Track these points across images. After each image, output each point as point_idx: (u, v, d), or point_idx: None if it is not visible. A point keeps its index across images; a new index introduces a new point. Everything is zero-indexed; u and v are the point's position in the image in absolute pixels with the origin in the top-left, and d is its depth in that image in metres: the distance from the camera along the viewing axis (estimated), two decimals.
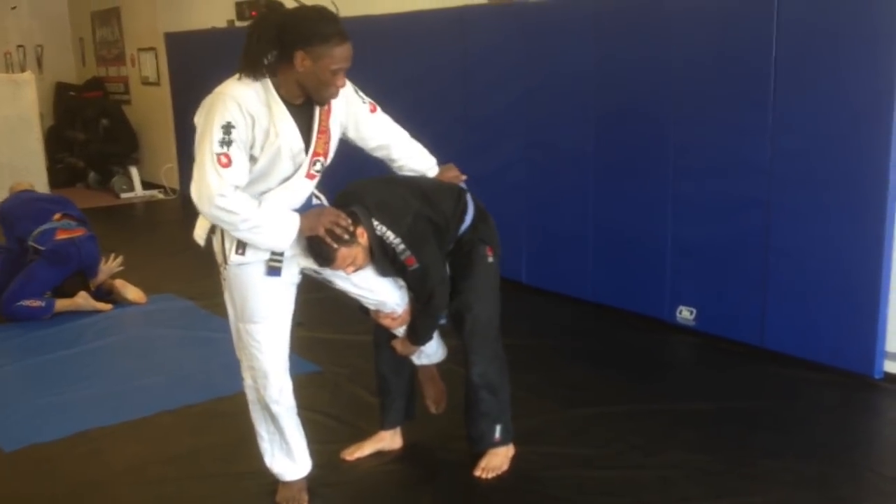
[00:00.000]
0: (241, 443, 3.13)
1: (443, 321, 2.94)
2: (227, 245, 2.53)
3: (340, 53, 2.35)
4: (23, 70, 10.54)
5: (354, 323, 3.13)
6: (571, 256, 4.92)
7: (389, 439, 3.18)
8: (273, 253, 2.54)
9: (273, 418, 2.75)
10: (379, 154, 2.86)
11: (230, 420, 3.35)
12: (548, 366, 4.11)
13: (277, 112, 2.40)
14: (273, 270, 2.56)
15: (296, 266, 2.67)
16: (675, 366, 4.19)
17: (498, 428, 2.99)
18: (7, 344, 4.55)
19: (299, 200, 2.57)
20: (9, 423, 3.56)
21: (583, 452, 3.18)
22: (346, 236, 2.54)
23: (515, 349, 4.29)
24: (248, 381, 2.74)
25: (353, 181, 2.81)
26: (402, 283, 2.85)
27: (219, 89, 2.39)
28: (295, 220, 2.48)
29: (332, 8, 2.43)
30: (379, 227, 2.63)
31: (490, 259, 2.91)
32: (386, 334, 3.01)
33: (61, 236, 4.98)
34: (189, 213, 2.67)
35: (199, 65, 8.32)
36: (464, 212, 2.85)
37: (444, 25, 5.49)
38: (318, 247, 2.55)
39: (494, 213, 5.43)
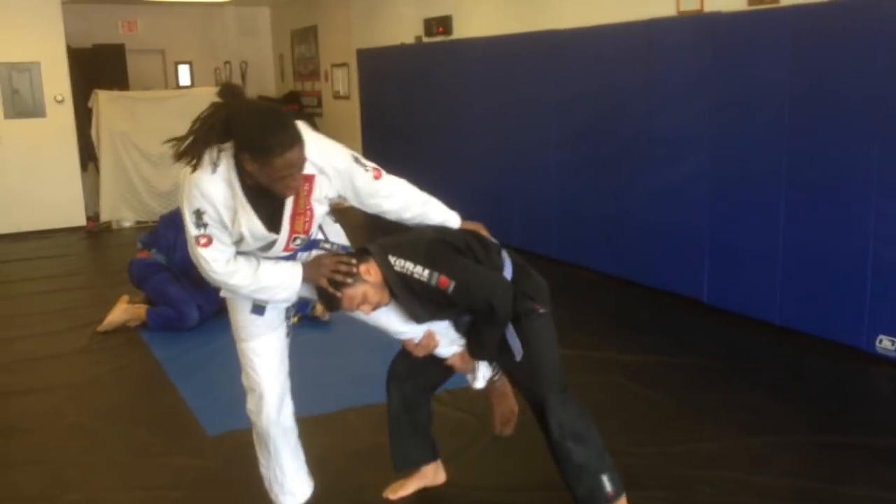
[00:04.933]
0: None
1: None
2: None
3: (282, 163, 2.22)
4: None
5: None
6: (758, 276, 4.73)
7: (432, 474, 3.05)
8: None
9: (270, 441, 2.73)
10: (390, 217, 2.68)
11: None
12: (729, 389, 3.97)
13: (239, 201, 2.34)
14: (257, 309, 2.59)
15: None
16: (873, 399, 3.93)
17: (605, 479, 2.64)
18: (218, 337, 4.90)
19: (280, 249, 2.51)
20: (212, 410, 3.87)
21: (765, 481, 3.05)
22: (349, 280, 2.47)
23: (694, 370, 4.22)
24: (249, 406, 2.73)
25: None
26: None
27: (188, 170, 2.33)
28: (297, 274, 2.48)
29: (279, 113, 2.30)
30: (397, 262, 2.50)
31: (542, 310, 2.66)
32: (404, 368, 2.90)
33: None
34: (375, 220, 2.78)
35: (386, 79, 8.70)
36: (497, 261, 2.63)
37: (630, 38, 5.45)
38: (324, 295, 2.53)
39: (675, 227, 5.36)
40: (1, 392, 4.21)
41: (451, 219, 2.73)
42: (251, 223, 2.37)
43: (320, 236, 2.64)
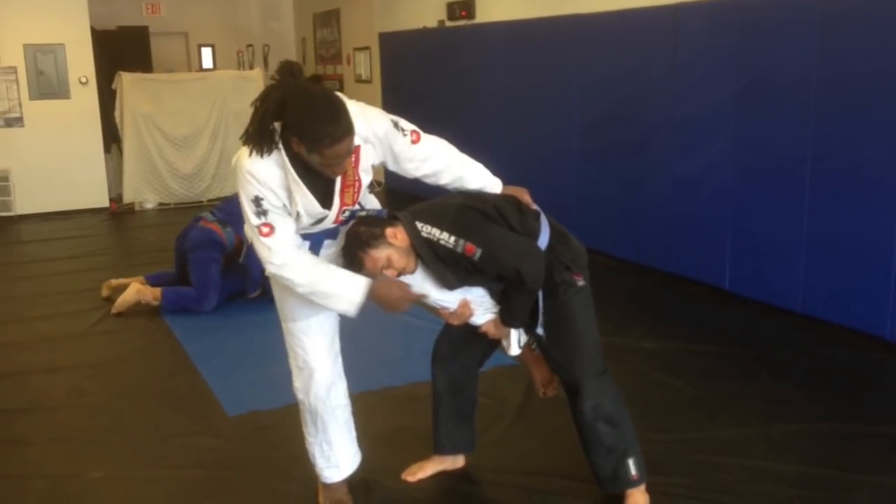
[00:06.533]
0: None
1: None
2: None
3: (331, 153, 2.23)
4: (251, 68, 11.45)
5: None
6: (781, 264, 4.68)
7: (451, 458, 3.05)
8: None
9: (318, 418, 2.73)
10: (428, 181, 2.67)
11: (427, 404, 3.49)
12: (749, 376, 3.94)
13: (291, 181, 2.34)
14: None
15: None
16: (894, 388, 3.88)
17: (631, 463, 2.67)
18: (238, 318, 4.98)
19: (326, 222, 2.51)
20: (232, 391, 3.91)
21: (785, 469, 3.03)
22: (373, 241, 2.45)
23: (714, 357, 4.20)
24: (296, 385, 2.74)
25: None
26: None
27: (240, 159, 2.35)
28: (360, 289, 2.45)
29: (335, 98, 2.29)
30: (424, 228, 2.49)
31: (580, 283, 2.65)
32: (447, 349, 2.89)
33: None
34: (394, 202, 2.77)
35: (408, 63, 8.68)
36: (534, 227, 2.61)
37: (655, 23, 5.39)
38: (349, 256, 2.50)
39: (698, 214, 5.32)
40: (23, 371, 4.27)
41: (491, 184, 2.70)
42: (306, 201, 2.37)
43: (357, 206, 2.62)
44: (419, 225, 2.50)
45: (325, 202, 2.42)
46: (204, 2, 12.07)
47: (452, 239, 2.47)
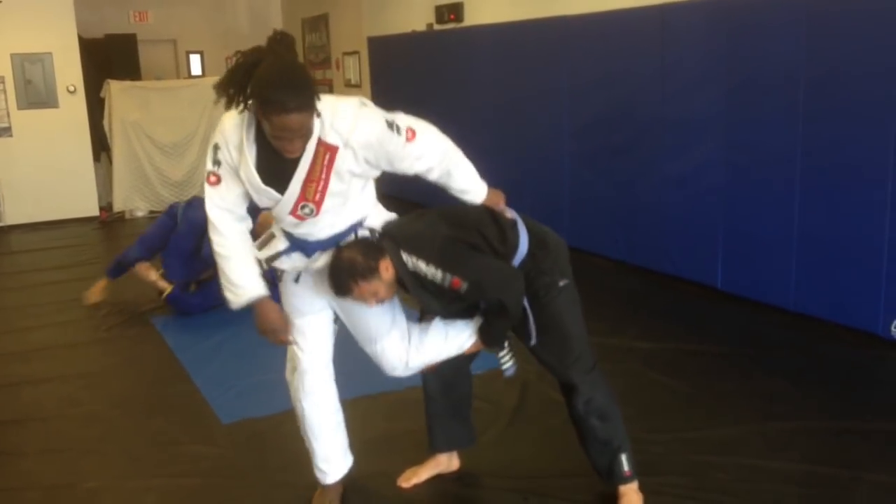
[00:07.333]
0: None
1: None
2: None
3: (279, 123, 2.21)
4: None
5: None
6: (772, 262, 4.69)
7: (446, 462, 3.05)
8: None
9: (305, 419, 2.78)
10: (419, 175, 2.63)
11: (422, 408, 3.48)
12: (744, 375, 3.95)
13: (245, 148, 2.35)
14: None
15: None
16: (889, 384, 3.89)
17: (624, 458, 2.72)
18: (231, 326, 4.90)
19: (314, 230, 2.51)
20: (226, 398, 3.89)
21: (781, 467, 3.04)
22: (367, 274, 2.45)
23: (709, 357, 4.21)
24: (288, 377, 2.80)
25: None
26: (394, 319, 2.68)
27: (224, 115, 2.43)
28: (250, 296, 2.49)
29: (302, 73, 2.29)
30: (409, 260, 2.50)
31: (561, 283, 2.65)
32: None
33: None
34: (386, 205, 2.76)
35: (397, 67, 8.68)
36: (513, 240, 2.63)
37: (643, 23, 5.40)
38: (336, 283, 2.49)
39: (689, 214, 5.32)
40: (16, 381, 4.24)
41: (476, 188, 2.67)
42: (248, 171, 2.37)
43: (342, 216, 2.53)
44: (405, 256, 2.51)
45: (276, 183, 2.38)
46: (192, 9, 12.05)
47: (440, 273, 2.49)
